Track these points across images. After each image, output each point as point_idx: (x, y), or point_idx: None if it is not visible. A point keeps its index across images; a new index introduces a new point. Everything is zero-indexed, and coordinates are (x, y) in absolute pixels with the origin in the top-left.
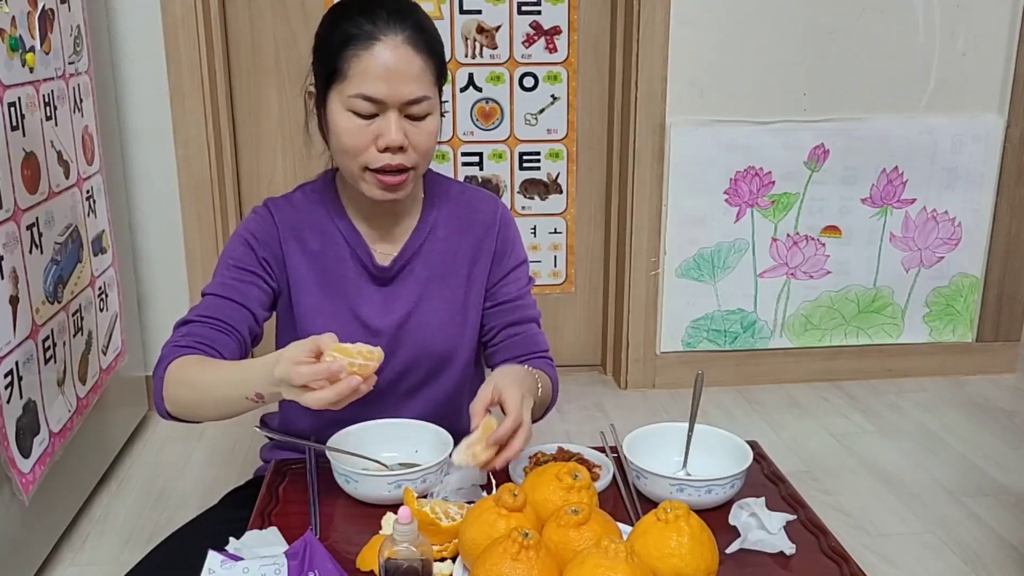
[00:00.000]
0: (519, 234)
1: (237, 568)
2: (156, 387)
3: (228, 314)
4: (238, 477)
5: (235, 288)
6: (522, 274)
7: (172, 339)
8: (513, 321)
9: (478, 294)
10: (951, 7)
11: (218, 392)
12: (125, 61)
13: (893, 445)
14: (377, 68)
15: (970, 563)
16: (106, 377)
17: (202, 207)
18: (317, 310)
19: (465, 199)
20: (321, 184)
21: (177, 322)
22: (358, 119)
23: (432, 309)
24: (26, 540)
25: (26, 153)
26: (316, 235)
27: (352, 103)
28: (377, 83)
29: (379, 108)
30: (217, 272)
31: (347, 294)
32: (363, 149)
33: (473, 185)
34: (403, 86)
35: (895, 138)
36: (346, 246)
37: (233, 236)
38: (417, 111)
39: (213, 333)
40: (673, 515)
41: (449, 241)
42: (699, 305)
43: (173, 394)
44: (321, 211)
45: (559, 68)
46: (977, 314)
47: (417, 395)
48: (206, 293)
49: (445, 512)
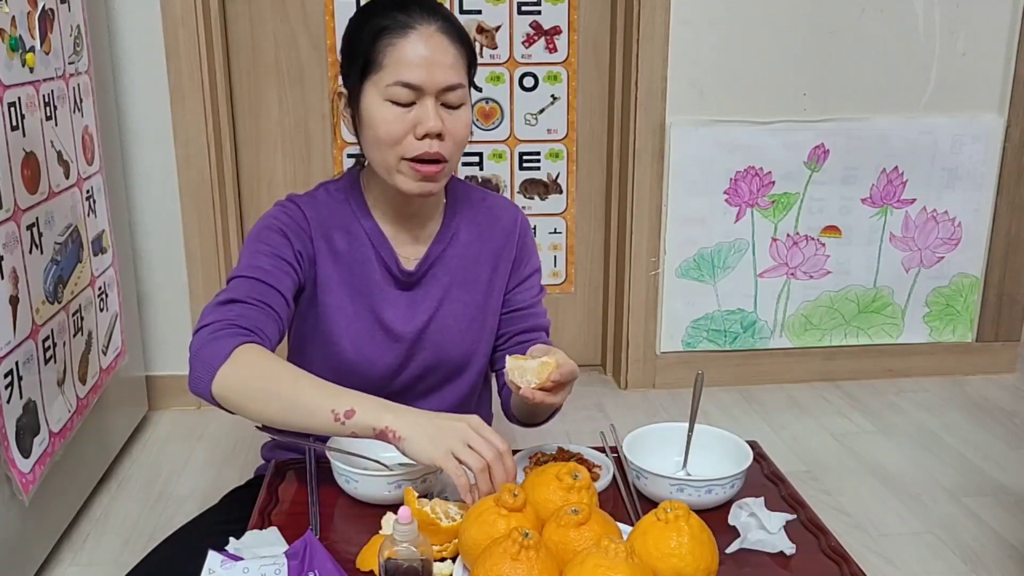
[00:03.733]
0: (535, 242)
1: (237, 568)
2: (206, 365)
3: (273, 300)
4: (238, 477)
5: (275, 276)
6: (536, 282)
7: (221, 316)
8: (524, 328)
9: (497, 300)
10: (951, 7)
11: (299, 394)
12: (125, 61)
13: (893, 445)
14: (414, 55)
15: (970, 563)
16: (106, 377)
17: (202, 207)
18: (340, 310)
19: (486, 205)
20: (346, 183)
21: (221, 299)
22: (397, 108)
23: (452, 314)
24: (26, 540)
25: (26, 153)
26: (343, 235)
27: (390, 92)
28: (415, 69)
29: (416, 96)
30: (248, 255)
31: (371, 297)
32: (401, 138)
33: (492, 191)
34: (439, 73)
35: (895, 138)
36: (371, 248)
37: (262, 225)
38: (453, 99)
39: (262, 317)
40: (673, 515)
41: (470, 246)
42: (699, 305)
43: (233, 379)
44: (347, 211)
45: (559, 68)
46: (977, 314)
47: (431, 397)
48: (242, 276)
49: (445, 512)
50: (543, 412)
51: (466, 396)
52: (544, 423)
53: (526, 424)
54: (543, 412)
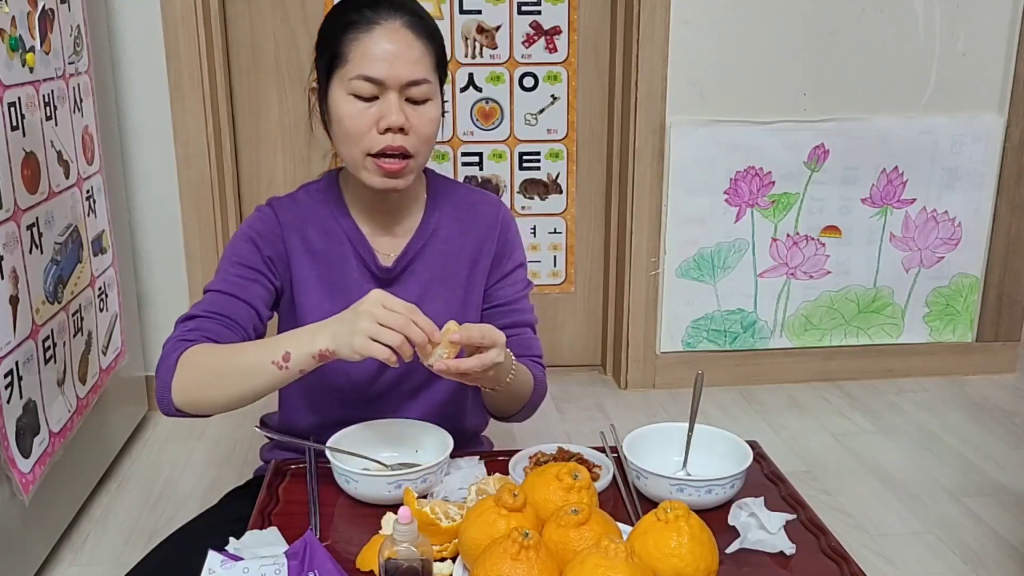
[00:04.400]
0: (519, 237)
1: (237, 568)
2: (162, 382)
3: (234, 311)
4: (238, 477)
5: (240, 286)
6: (520, 277)
7: (176, 334)
8: (508, 324)
9: (478, 295)
10: (951, 7)
11: (242, 358)
12: (125, 61)
13: (893, 445)
14: (377, 49)
15: (970, 563)
16: (106, 377)
17: (202, 207)
18: (318, 309)
19: (468, 201)
20: (325, 183)
21: (180, 317)
22: (359, 102)
23: (433, 310)
24: (26, 540)
25: (26, 153)
26: (319, 234)
27: (353, 86)
28: (377, 63)
29: (380, 90)
30: (220, 270)
31: (349, 294)
32: (364, 132)
33: (477, 187)
34: (403, 67)
35: (895, 138)
36: (349, 245)
37: (237, 234)
38: (417, 94)
39: (220, 329)
40: (673, 515)
41: (451, 242)
42: (699, 305)
43: (186, 381)
44: (324, 210)
45: (559, 68)
46: (977, 314)
47: (419, 396)
48: (209, 290)
49: (445, 512)
50: (503, 401)
51: (453, 395)
52: (517, 418)
53: (500, 417)
54: (503, 401)
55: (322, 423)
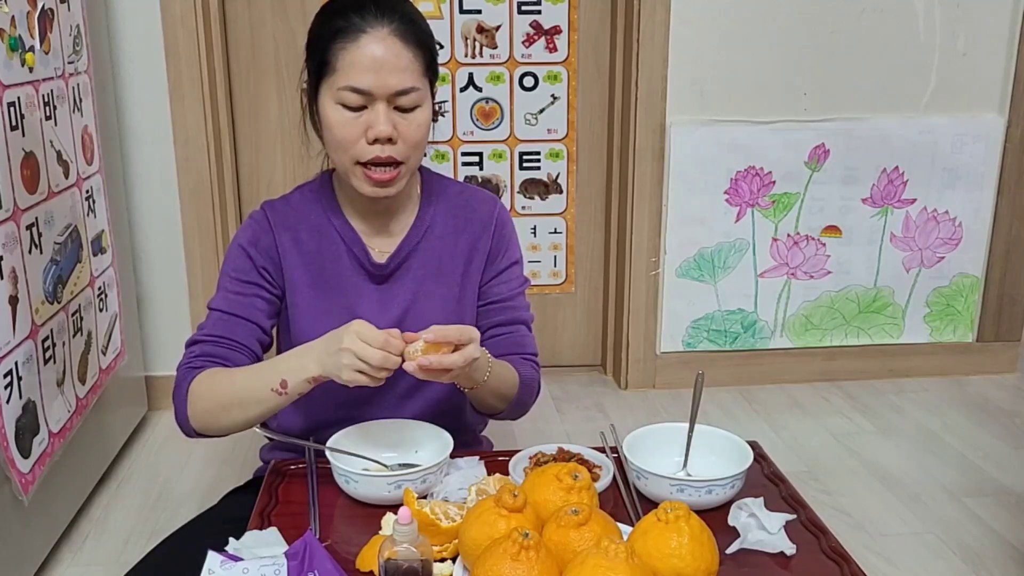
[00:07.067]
0: (515, 235)
1: (237, 568)
2: (179, 411)
3: (235, 331)
4: (238, 477)
5: (238, 303)
6: (515, 275)
7: (185, 360)
8: (502, 321)
9: (472, 293)
10: (951, 7)
11: (243, 389)
12: (125, 61)
13: (893, 445)
14: (364, 60)
15: (970, 563)
16: (105, 377)
17: (202, 207)
18: (313, 308)
19: (463, 199)
20: (318, 184)
21: (188, 341)
22: (347, 112)
23: (428, 307)
24: (26, 540)
25: (26, 153)
26: (312, 234)
27: (341, 96)
28: (364, 74)
29: (367, 100)
30: (220, 284)
31: (344, 292)
32: (353, 142)
33: (473, 185)
34: (390, 77)
35: (895, 138)
36: (342, 244)
37: (232, 246)
38: (406, 102)
39: (225, 351)
40: (673, 515)
41: (445, 239)
42: (699, 305)
43: (199, 408)
44: (317, 210)
45: (559, 68)
46: (977, 314)
47: (416, 395)
48: (212, 308)
49: (445, 512)
50: (485, 399)
51: (451, 394)
52: (508, 416)
53: (491, 416)
54: (485, 399)
55: (317, 424)
